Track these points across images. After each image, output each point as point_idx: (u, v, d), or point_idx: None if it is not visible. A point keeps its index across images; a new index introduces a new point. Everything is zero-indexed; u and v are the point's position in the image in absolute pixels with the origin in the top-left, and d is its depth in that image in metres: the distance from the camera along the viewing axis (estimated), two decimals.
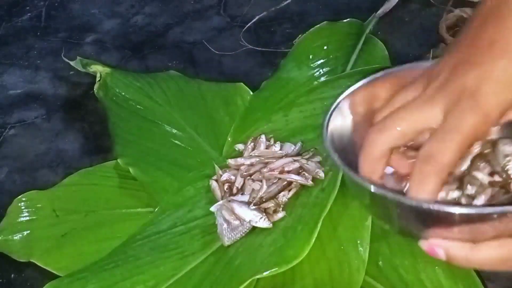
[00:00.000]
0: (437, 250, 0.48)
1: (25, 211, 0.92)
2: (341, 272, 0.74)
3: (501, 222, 0.44)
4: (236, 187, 0.84)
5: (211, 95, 1.04)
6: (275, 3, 1.31)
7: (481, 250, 0.46)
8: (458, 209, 0.45)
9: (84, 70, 1.15)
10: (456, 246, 0.47)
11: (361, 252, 0.74)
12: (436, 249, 0.48)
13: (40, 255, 0.87)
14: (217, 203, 0.82)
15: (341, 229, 0.77)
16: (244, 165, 0.86)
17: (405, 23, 1.22)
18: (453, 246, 0.47)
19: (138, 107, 1.02)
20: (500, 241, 0.45)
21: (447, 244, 0.47)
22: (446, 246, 0.47)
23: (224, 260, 0.77)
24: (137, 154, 0.95)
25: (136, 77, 1.08)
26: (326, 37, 1.11)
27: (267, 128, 0.93)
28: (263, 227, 0.79)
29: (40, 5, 1.43)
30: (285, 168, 0.83)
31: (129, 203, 0.91)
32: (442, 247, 0.47)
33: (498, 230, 0.45)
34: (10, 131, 1.13)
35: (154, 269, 0.78)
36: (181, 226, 0.84)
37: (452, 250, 0.47)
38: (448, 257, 0.47)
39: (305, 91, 0.98)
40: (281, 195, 0.81)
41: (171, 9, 1.37)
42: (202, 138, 0.97)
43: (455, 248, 0.47)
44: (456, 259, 0.47)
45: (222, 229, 0.79)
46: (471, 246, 0.46)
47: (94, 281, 0.79)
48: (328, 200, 0.77)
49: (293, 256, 0.72)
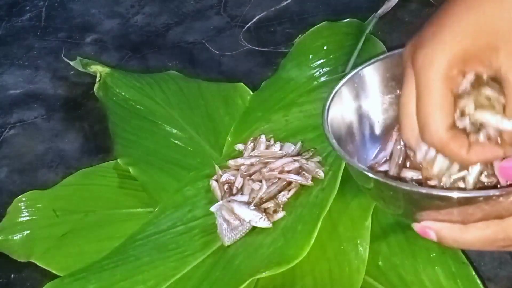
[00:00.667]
0: (429, 232, 0.50)
1: (25, 211, 0.92)
2: (341, 272, 0.74)
3: (487, 205, 0.47)
4: (236, 187, 0.84)
5: (211, 95, 1.04)
6: (275, 3, 1.31)
7: (470, 231, 0.48)
8: (447, 193, 0.48)
9: (84, 70, 1.15)
10: (446, 228, 0.49)
11: (361, 252, 0.74)
12: (427, 231, 0.50)
13: (40, 255, 0.87)
14: (217, 203, 0.82)
15: (341, 228, 0.77)
16: (244, 165, 0.86)
17: (405, 23, 1.22)
18: (444, 228, 0.49)
19: (138, 107, 1.03)
20: (488, 222, 0.48)
21: (438, 226, 0.50)
22: (436, 228, 0.50)
23: (224, 260, 0.77)
24: (137, 154, 0.95)
25: (136, 77, 1.08)
26: (326, 37, 1.11)
27: (267, 128, 0.93)
28: (263, 227, 0.79)
29: (40, 5, 1.43)
30: (285, 168, 0.83)
31: (129, 203, 0.91)
32: (433, 229, 0.50)
33: (485, 213, 0.47)
34: (10, 131, 1.12)
35: (154, 269, 0.78)
36: (181, 226, 0.83)
37: (443, 231, 0.50)
38: (438, 238, 0.50)
39: (305, 91, 0.98)
40: (281, 195, 0.81)
41: (171, 9, 1.37)
42: (202, 138, 0.97)
43: (445, 229, 0.49)
44: (446, 240, 0.50)
45: (222, 229, 0.79)
46: (460, 227, 0.49)
47: (94, 281, 0.79)
48: (328, 200, 0.77)
49: (293, 256, 0.72)
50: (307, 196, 0.80)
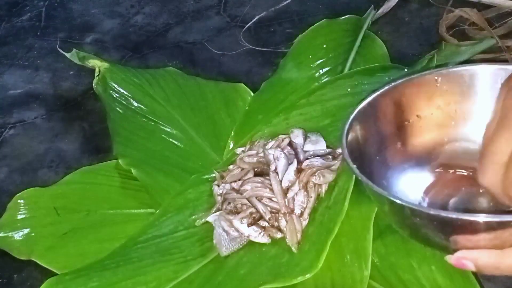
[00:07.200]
0: (465, 262, 0.47)
1: (25, 208, 0.92)
2: (344, 283, 0.73)
3: None
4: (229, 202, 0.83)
5: (212, 95, 1.04)
6: (275, 3, 1.31)
7: (510, 256, 0.46)
8: (479, 218, 0.45)
9: (80, 63, 1.12)
10: (484, 256, 0.46)
11: (363, 264, 0.73)
12: (464, 262, 0.48)
13: (41, 253, 0.87)
14: (214, 214, 0.82)
15: (343, 239, 0.76)
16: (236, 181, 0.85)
17: (405, 23, 1.22)
18: (481, 256, 0.47)
19: (138, 105, 1.01)
20: None
21: (474, 255, 0.47)
22: (473, 257, 0.47)
23: (226, 267, 0.77)
24: (138, 155, 0.94)
25: (135, 73, 1.07)
26: (325, 35, 1.10)
27: (267, 131, 0.92)
28: (262, 242, 0.78)
29: (40, 5, 1.43)
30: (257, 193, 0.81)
31: (131, 203, 0.91)
32: (470, 259, 0.47)
33: None
34: (10, 131, 1.13)
35: (156, 271, 0.78)
36: (182, 231, 0.83)
37: (481, 260, 0.47)
38: (477, 268, 0.47)
39: (305, 93, 0.98)
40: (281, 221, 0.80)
41: (171, 9, 1.37)
42: (203, 140, 0.97)
43: (483, 257, 0.46)
44: (486, 268, 0.47)
45: (221, 239, 0.79)
46: (498, 252, 0.46)
47: (95, 279, 0.79)
48: (335, 222, 0.75)
49: (303, 271, 0.72)
50: (312, 213, 0.79)
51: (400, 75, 0.70)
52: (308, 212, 0.79)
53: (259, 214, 0.79)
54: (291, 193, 0.80)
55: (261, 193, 0.80)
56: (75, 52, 1.13)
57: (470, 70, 0.62)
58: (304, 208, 0.79)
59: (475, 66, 0.62)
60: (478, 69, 0.62)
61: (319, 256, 0.73)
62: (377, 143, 0.63)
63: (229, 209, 0.81)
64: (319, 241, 0.75)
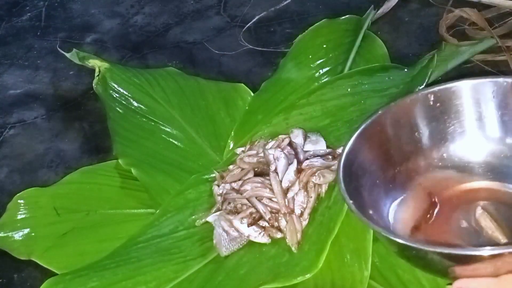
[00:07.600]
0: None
1: (25, 208, 0.92)
2: (344, 283, 0.73)
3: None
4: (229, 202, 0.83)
5: (212, 96, 1.04)
6: (275, 3, 1.31)
7: (506, 281, 0.50)
8: (477, 252, 0.50)
9: (80, 63, 1.13)
10: (482, 284, 0.50)
11: (363, 264, 0.74)
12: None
13: (41, 253, 0.87)
14: (214, 214, 0.82)
15: (343, 239, 0.76)
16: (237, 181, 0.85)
17: (405, 23, 1.22)
18: (480, 285, 0.50)
19: (138, 105, 1.02)
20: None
21: (474, 284, 0.51)
22: (473, 286, 0.51)
23: (226, 267, 0.77)
24: (138, 155, 0.94)
25: (135, 73, 1.07)
26: (325, 35, 1.10)
27: (267, 131, 0.92)
28: (262, 242, 0.78)
29: (40, 5, 1.43)
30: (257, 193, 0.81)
31: (131, 203, 0.91)
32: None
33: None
34: (10, 131, 1.13)
35: (156, 271, 0.79)
36: (182, 231, 0.83)
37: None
38: None
39: (305, 93, 0.98)
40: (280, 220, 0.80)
41: (171, 9, 1.37)
42: (203, 140, 0.97)
43: (482, 286, 0.50)
44: None
45: (221, 239, 0.79)
46: (495, 281, 0.50)
47: (95, 279, 0.79)
48: (335, 222, 0.76)
49: (302, 271, 0.73)
50: (312, 213, 0.80)
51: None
52: (308, 212, 0.79)
53: (259, 214, 0.79)
54: (291, 193, 0.80)
55: (261, 193, 0.80)
56: (75, 52, 1.13)
57: (456, 87, 0.66)
58: (304, 208, 0.79)
59: (459, 83, 0.66)
60: (462, 85, 0.66)
61: (319, 256, 0.73)
62: (376, 170, 0.66)
63: (229, 209, 0.82)
64: (319, 241, 0.75)
